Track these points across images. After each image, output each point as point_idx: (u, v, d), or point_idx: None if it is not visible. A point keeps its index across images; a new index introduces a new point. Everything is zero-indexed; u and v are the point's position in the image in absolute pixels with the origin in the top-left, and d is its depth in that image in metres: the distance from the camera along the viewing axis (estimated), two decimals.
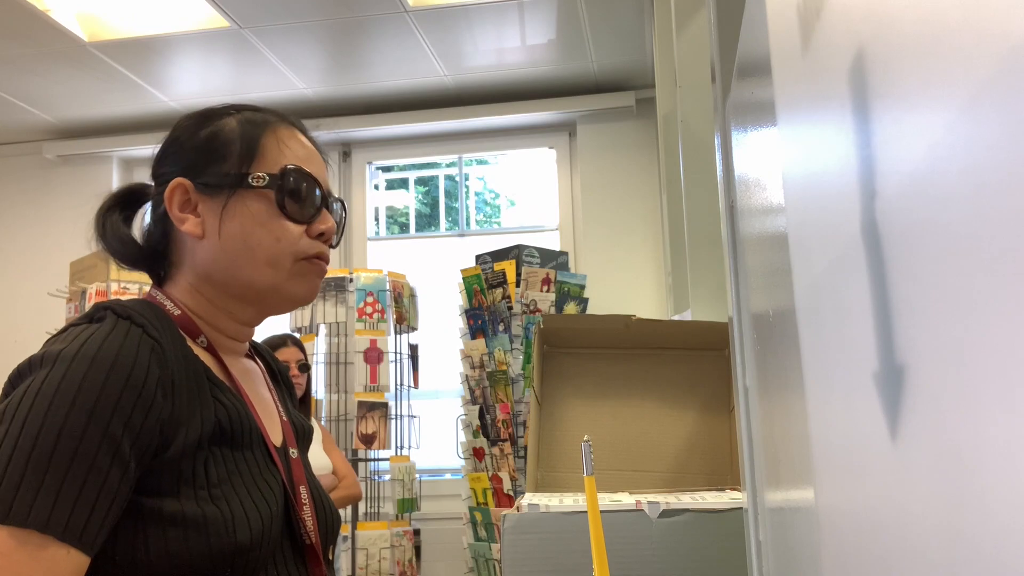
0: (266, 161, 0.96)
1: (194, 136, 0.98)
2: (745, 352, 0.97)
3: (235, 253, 0.94)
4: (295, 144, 0.99)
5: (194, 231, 0.94)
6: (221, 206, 0.94)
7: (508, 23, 4.08)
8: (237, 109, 1.01)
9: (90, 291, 4.03)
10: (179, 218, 0.95)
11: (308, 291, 0.98)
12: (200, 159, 0.96)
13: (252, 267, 0.94)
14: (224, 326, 0.97)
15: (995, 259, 0.20)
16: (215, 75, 4.54)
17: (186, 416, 0.84)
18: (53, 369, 0.79)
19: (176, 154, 0.98)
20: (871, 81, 0.31)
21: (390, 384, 4.13)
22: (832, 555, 0.44)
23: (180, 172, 0.96)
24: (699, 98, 2.38)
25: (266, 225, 0.94)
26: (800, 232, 0.49)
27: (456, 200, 5.32)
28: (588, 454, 0.89)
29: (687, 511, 1.18)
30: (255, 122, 0.98)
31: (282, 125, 1.00)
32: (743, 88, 0.83)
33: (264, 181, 0.95)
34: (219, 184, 0.94)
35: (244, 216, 0.94)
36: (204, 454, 0.85)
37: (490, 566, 3.78)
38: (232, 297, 0.96)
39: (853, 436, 0.37)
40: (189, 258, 0.96)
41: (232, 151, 0.96)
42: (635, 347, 1.63)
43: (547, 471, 1.55)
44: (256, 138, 0.97)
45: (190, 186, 0.95)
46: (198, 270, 0.95)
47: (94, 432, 0.78)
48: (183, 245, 0.97)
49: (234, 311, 0.97)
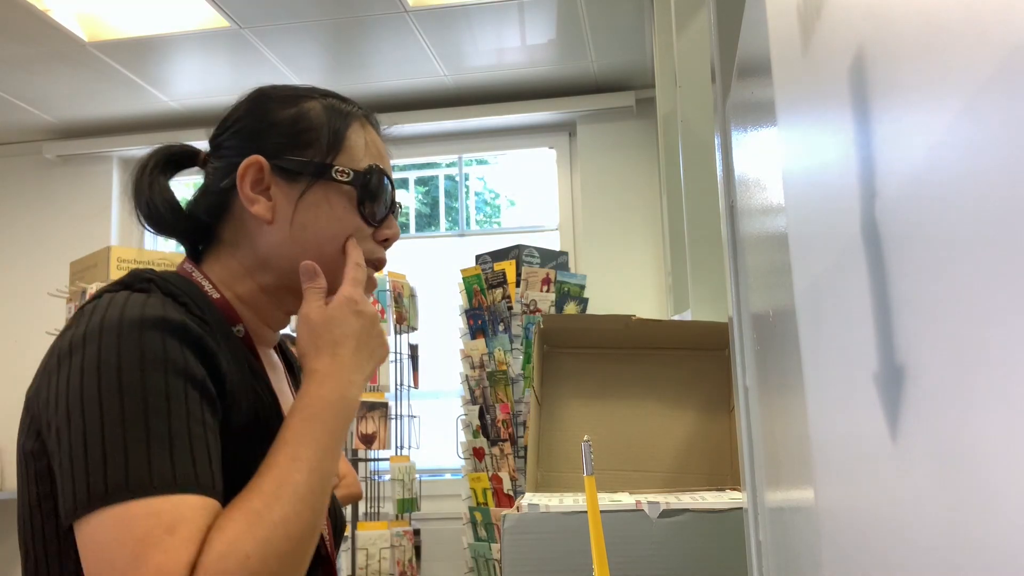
0: (350, 155, 0.92)
1: (277, 114, 0.92)
2: (745, 352, 0.97)
3: (304, 244, 0.89)
4: (376, 140, 0.96)
5: (264, 214, 0.89)
6: (298, 194, 0.89)
7: (508, 23, 4.08)
8: (322, 94, 0.96)
9: (90, 291, 4.03)
10: (250, 198, 0.89)
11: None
12: (281, 140, 0.91)
13: (319, 261, 0.89)
14: (268, 314, 0.94)
15: (995, 259, 0.20)
16: (215, 75, 4.54)
17: (232, 398, 0.82)
18: (103, 339, 0.75)
19: (255, 130, 0.92)
20: (871, 81, 0.31)
21: (390, 384, 4.12)
22: (832, 555, 0.44)
23: (256, 150, 0.90)
24: (699, 98, 2.38)
25: (342, 221, 0.91)
26: (800, 232, 0.49)
27: (456, 200, 5.32)
28: (588, 454, 0.89)
29: (687, 511, 1.18)
30: (341, 112, 0.94)
31: (365, 119, 0.96)
32: (743, 88, 0.83)
33: (348, 176, 0.90)
34: (299, 171, 0.90)
35: (321, 208, 0.90)
36: (241, 442, 0.81)
37: (490, 566, 3.78)
38: (286, 286, 0.92)
39: (853, 436, 0.37)
40: (248, 241, 0.91)
41: (317, 139, 0.91)
42: (635, 347, 1.63)
43: (547, 471, 1.55)
44: (342, 129, 0.92)
45: (267, 166, 0.89)
46: (260, 255, 0.91)
47: (175, 382, 0.75)
48: (244, 225, 0.91)
49: (283, 299, 0.93)
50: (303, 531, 0.75)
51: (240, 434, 0.81)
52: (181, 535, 0.69)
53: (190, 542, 0.69)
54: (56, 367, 0.77)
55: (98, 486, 0.70)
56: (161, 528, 0.69)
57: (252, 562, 0.70)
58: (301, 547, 0.75)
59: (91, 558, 0.70)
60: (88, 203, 5.26)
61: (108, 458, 0.71)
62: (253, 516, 0.73)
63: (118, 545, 0.69)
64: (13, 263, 5.25)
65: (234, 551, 0.70)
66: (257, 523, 0.72)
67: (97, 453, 0.71)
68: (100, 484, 0.70)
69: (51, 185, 5.30)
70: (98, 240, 4.84)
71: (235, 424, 0.81)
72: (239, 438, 0.81)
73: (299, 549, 0.75)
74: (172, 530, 0.69)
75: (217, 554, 0.70)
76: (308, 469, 0.77)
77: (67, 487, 0.72)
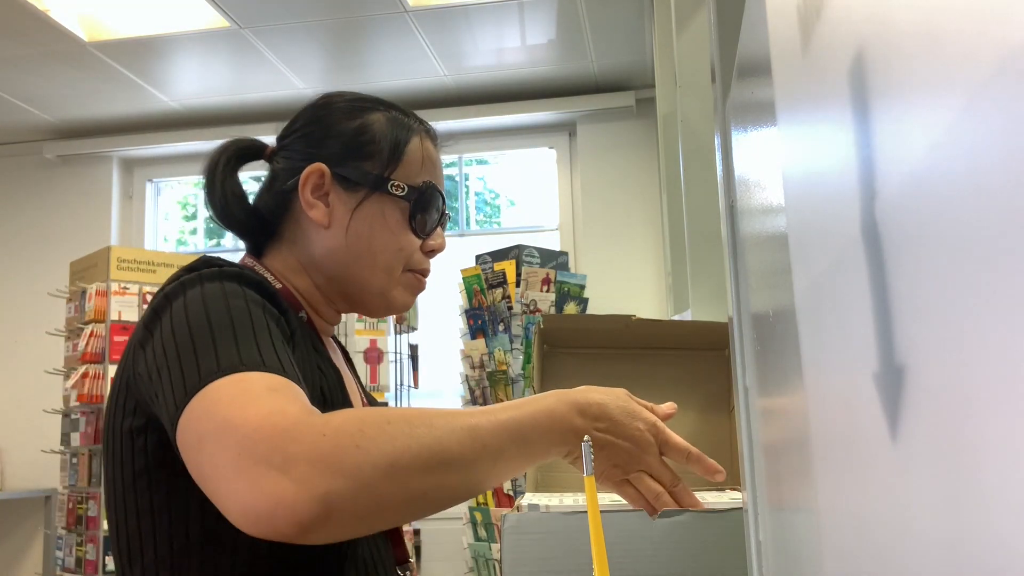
0: (407, 169, 0.96)
1: (342, 123, 0.96)
2: (745, 352, 0.97)
3: (357, 252, 0.94)
4: (433, 155, 1.00)
5: (321, 220, 0.93)
6: (355, 203, 0.93)
7: (508, 23, 4.08)
8: (386, 106, 0.99)
9: (90, 291, 4.03)
10: (310, 203, 0.93)
11: (408, 302, 0.99)
12: (344, 150, 0.95)
13: (370, 270, 0.94)
14: (322, 309, 0.98)
15: (996, 259, 0.20)
16: (215, 75, 4.54)
17: (301, 368, 0.82)
18: (187, 294, 0.78)
19: (320, 137, 0.96)
20: (871, 81, 0.31)
21: (390, 384, 4.13)
22: (832, 555, 0.44)
23: (320, 157, 0.94)
24: (699, 98, 2.38)
25: (395, 233, 0.94)
26: (800, 232, 0.49)
27: (456, 200, 5.32)
28: (588, 454, 0.89)
29: (687, 511, 1.18)
30: (403, 125, 0.98)
31: (424, 134, 1.00)
32: (743, 88, 0.83)
33: (403, 191, 0.94)
34: (358, 181, 0.94)
35: (376, 219, 0.94)
36: None
37: (490, 566, 3.78)
38: (337, 290, 0.96)
39: (853, 436, 0.37)
40: (305, 242, 0.95)
41: (377, 151, 0.95)
42: (635, 347, 1.63)
43: (547, 471, 1.55)
44: (402, 143, 0.96)
45: (328, 174, 0.94)
46: (314, 256, 0.95)
47: (256, 310, 0.78)
48: (302, 227, 0.96)
49: (334, 301, 0.98)
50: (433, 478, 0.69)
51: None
52: (284, 393, 0.69)
53: (296, 399, 0.69)
54: (146, 337, 0.79)
55: (193, 378, 0.71)
56: (263, 386, 0.69)
57: (362, 455, 0.65)
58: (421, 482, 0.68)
59: (190, 439, 0.70)
60: (88, 203, 5.25)
61: (200, 359, 0.72)
62: (401, 420, 0.69)
63: (224, 405, 0.68)
64: (13, 263, 5.25)
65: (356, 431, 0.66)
66: (401, 429, 0.68)
67: (190, 359, 0.72)
68: (195, 376, 0.71)
69: (51, 185, 5.30)
70: (98, 240, 4.84)
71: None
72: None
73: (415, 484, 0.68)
74: (273, 390, 0.69)
75: (334, 425, 0.66)
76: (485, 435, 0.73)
77: (168, 397, 0.73)
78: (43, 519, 4.74)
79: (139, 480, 0.81)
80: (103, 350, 3.97)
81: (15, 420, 4.97)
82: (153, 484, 0.80)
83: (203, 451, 0.68)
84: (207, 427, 0.68)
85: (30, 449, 4.72)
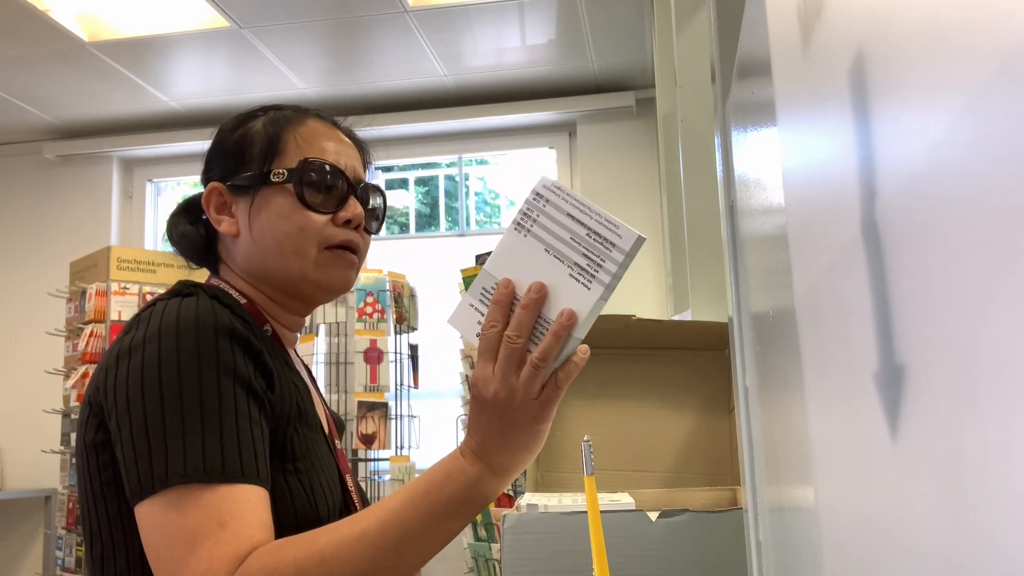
0: (287, 157, 1.00)
1: (227, 140, 1.04)
2: (745, 352, 0.97)
3: (266, 246, 0.98)
4: (320, 138, 1.03)
5: (230, 230, 1.00)
6: (249, 205, 0.99)
7: (508, 23, 4.08)
8: (264, 110, 1.06)
9: (90, 291, 4.03)
10: (216, 219, 1.01)
11: (337, 279, 1.01)
12: (231, 162, 1.02)
13: (282, 259, 0.98)
14: (280, 316, 1.02)
15: (995, 259, 0.20)
16: (215, 75, 4.54)
17: (279, 390, 0.90)
18: (162, 341, 0.84)
19: (215, 160, 1.04)
20: (871, 81, 0.31)
21: (390, 384, 4.12)
22: (832, 555, 0.44)
23: (217, 176, 1.02)
24: (699, 98, 2.38)
25: (289, 218, 0.98)
26: (800, 232, 0.49)
27: (456, 200, 5.32)
28: (588, 454, 0.89)
29: (687, 511, 1.18)
30: (278, 120, 1.03)
31: (309, 120, 1.04)
32: (743, 88, 0.83)
33: (283, 176, 0.99)
34: (247, 184, 1.00)
35: (269, 212, 0.98)
36: (291, 429, 0.90)
37: (490, 566, 3.78)
38: (275, 289, 1.01)
39: (853, 436, 0.37)
40: (235, 255, 1.02)
41: (258, 152, 1.00)
42: (635, 347, 1.63)
43: (547, 471, 1.55)
44: (277, 136, 1.01)
45: (224, 189, 1.01)
46: (243, 266, 1.01)
47: (226, 382, 0.83)
48: (226, 245, 1.03)
49: (283, 302, 1.02)
50: None
51: (289, 421, 0.90)
52: (232, 529, 0.78)
53: (239, 536, 0.78)
54: (116, 364, 0.86)
55: (159, 469, 0.79)
56: (213, 521, 0.78)
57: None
58: None
59: (151, 540, 0.80)
60: (88, 203, 5.25)
61: (168, 445, 0.80)
62: (315, 558, 0.78)
63: (175, 531, 0.78)
64: (13, 263, 5.24)
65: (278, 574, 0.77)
66: (314, 566, 0.78)
67: (158, 440, 0.80)
68: (161, 468, 0.79)
69: (51, 185, 5.30)
70: (98, 240, 4.84)
71: (283, 412, 0.89)
72: (288, 425, 0.90)
73: None
74: (223, 524, 0.78)
75: (262, 567, 0.77)
76: (395, 548, 0.82)
77: (131, 471, 0.81)
78: (43, 519, 4.74)
79: (108, 489, 0.87)
80: (103, 350, 3.96)
81: (15, 420, 4.97)
82: (122, 493, 0.85)
83: (150, 551, 0.80)
84: (154, 540, 0.79)
85: (30, 449, 4.72)
